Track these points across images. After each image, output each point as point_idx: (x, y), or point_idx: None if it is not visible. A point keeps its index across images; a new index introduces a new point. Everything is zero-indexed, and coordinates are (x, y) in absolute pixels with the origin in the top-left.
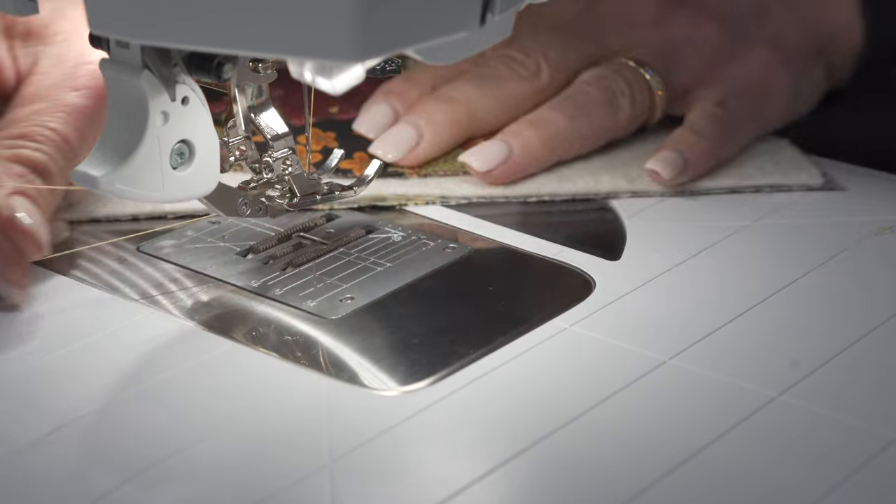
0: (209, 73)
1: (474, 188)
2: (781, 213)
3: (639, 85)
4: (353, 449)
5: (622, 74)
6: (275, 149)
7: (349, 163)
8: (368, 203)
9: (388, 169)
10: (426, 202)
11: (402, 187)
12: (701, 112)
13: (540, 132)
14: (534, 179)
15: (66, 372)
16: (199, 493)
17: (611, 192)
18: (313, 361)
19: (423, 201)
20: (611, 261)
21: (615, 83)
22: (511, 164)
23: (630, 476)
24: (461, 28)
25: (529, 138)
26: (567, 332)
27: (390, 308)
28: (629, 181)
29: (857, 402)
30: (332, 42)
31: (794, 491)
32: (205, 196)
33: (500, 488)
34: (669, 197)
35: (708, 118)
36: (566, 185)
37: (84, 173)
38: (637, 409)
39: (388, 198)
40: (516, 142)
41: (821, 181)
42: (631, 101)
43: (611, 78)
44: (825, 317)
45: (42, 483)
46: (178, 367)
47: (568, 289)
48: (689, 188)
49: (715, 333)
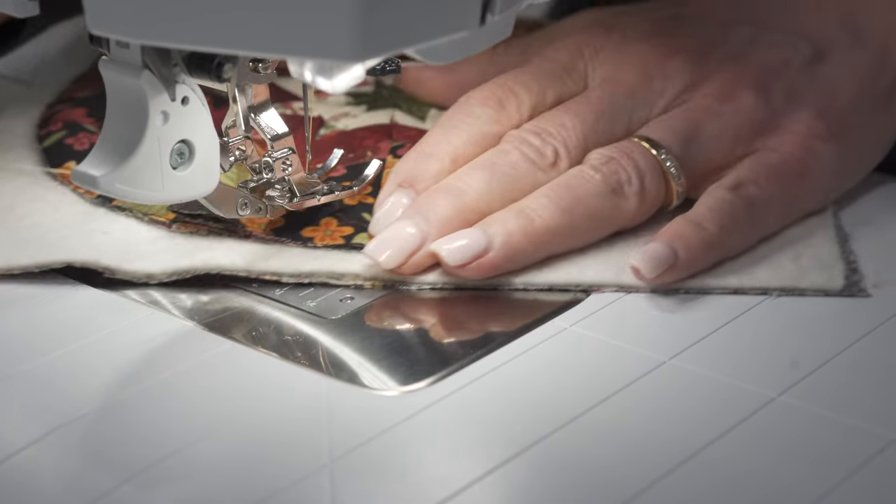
0: (209, 73)
1: (439, 272)
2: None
3: (653, 173)
4: (353, 449)
5: (633, 158)
6: (275, 149)
7: (312, 230)
8: (321, 280)
9: (352, 241)
10: (383, 285)
11: (357, 263)
12: (708, 197)
13: (527, 225)
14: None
15: (66, 372)
16: (199, 493)
17: (594, 284)
18: (313, 361)
19: (380, 284)
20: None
21: (624, 169)
22: (488, 261)
23: (630, 476)
24: (461, 28)
25: (514, 232)
26: (567, 332)
27: (390, 308)
28: (616, 272)
29: (857, 403)
30: (333, 42)
31: (794, 491)
32: (205, 196)
33: (500, 488)
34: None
35: (714, 205)
36: (546, 274)
37: (84, 173)
38: (637, 409)
39: (345, 276)
40: (498, 233)
41: (840, 284)
42: (639, 193)
43: (620, 162)
44: (825, 317)
45: (42, 483)
46: (177, 367)
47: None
48: (684, 286)
49: (715, 333)
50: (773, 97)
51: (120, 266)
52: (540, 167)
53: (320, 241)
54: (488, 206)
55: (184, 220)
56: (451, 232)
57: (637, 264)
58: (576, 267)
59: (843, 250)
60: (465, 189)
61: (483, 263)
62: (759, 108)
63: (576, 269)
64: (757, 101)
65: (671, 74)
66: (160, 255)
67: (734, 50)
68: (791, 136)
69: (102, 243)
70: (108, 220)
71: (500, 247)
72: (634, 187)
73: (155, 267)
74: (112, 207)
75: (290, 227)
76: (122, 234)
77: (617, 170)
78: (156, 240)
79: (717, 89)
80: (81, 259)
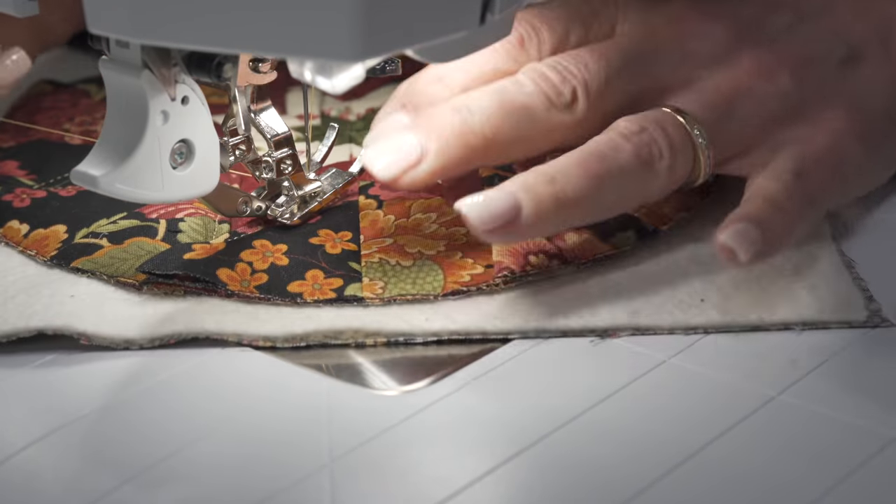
0: (209, 72)
1: (445, 321)
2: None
3: (683, 149)
4: (353, 449)
5: (666, 132)
6: (275, 149)
7: (300, 284)
8: (320, 341)
9: (344, 294)
10: (387, 341)
11: (359, 319)
12: (777, 182)
13: (557, 192)
14: (515, 309)
15: (66, 372)
16: (199, 494)
17: (610, 328)
18: (314, 361)
19: (384, 340)
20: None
21: (655, 143)
22: (517, 226)
23: (630, 475)
24: (461, 28)
25: (544, 199)
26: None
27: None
28: (630, 314)
29: (857, 402)
30: (333, 42)
31: (794, 490)
32: (204, 196)
33: (500, 488)
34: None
35: (786, 188)
36: (557, 319)
37: (84, 173)
38: (636, 408)
39: (344, 332)
40: (529, 199)
41: (864, 315)
42: (669, 168)
43: (652, 135)
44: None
45: (41, 483)
46: (177, 368)
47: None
48: (703, 324)
49: (715, 333)
50: (807, 87)
51: (97, 331)
52: (555, 105)
53: (310, 297)
54: (494, 134)
55: (156, 282)
56: (452, 153)
57: (730, 243)
58: (588, 308)
59: (854, 277)
60: (474, 110)
61: (511, 229)
62: (793, 94)
63: (588, 311)
64: (792, 86)
65: (705, 39)
66: (137, 319)
67: (772, 33)
68: (825, 131)
69: (72, 307)
70: (69, 283)
71: (529, 212)
72: (665, 162)
73: (133, 332)
74: (71, 269)
75: (275, 282)
76: (91, 297)
77: (649, 142)
78: (129, 302)
79: (753, 67)
80: (53, 325)
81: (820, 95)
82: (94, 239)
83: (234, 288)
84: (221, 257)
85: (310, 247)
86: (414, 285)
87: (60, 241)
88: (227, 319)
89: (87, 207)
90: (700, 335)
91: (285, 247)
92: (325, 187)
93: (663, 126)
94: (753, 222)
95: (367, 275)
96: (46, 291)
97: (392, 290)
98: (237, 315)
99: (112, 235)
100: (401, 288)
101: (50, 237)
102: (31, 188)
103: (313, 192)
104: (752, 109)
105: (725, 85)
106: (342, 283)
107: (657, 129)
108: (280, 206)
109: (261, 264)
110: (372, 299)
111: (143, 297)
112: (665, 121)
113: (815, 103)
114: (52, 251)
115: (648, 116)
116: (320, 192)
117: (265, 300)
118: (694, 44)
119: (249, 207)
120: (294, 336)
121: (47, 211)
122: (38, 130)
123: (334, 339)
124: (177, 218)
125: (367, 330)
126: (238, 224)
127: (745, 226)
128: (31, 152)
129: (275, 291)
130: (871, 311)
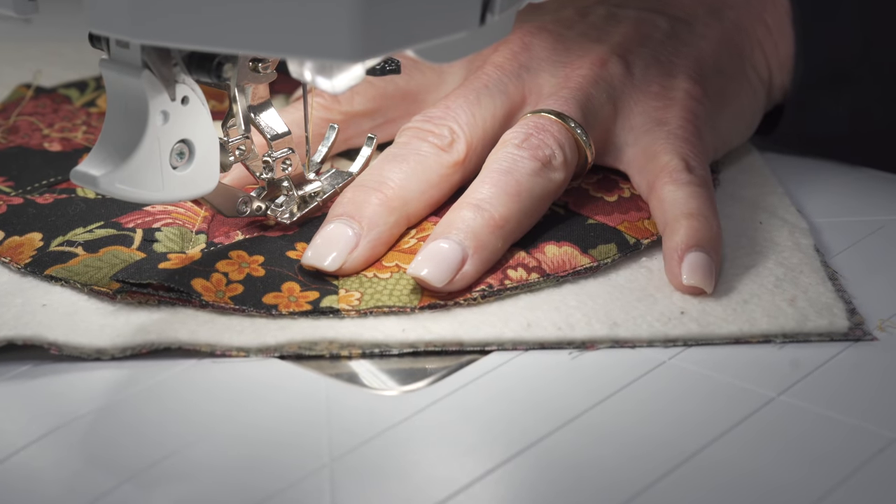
0: (209, 72)
1: (421, 332)
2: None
3: (569, 143)
4: (353, 449)
5: (550, 133)
6: (274, 149)
7: (275, 296)
8: (294, 352)
9: (320, 306)
10: (362, 352)
11: (334, 330)
12: (679, 187)
13: (487, 217)
14: (492, 320)
15: (66, 372)
16: (199, 494)
17: (587, 341)
18: (313, 361)
19: (359, 351)
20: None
21: (545, 143)
22: (470, 270)
23: (630, 476)
24: (461, 28)
25: (479, 230)
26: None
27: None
28: (609, 327)
29: (857, 402)
30: (333, 42)
31: (794, 491)
32: (204, 196)
33: (500, 488)
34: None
35: (693, 192)
36: (534, 330)
37: (84, 173)
38: (637, 409)
39: (318, 343)
40: (466, 237)
41: (845, 327)
42: (564, 164)
43: (539, 137)
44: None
45: (41, 483)
46: (176, 368)
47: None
48: (682, 337)
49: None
50: (638, 64)
51: (68, 341)
52: (441, 147)
53: (285, 309)
54: (407, 193)
55: (130, 290)
56: (381, 225)
57: (695, 283)
58: (563, 319)
59: (837, 289)
60: (384, 181)
61: (466, 273)
62: (629, 74)
63: (565, 324)
64: (626, 67)
65: (532, 49)
66: (109, 329)
67: (595, 26)
68: (675, 105)
69: (43, 317)
70: (42, 291)
71: (474, 250)
72: (559, 159)
73: (105, 341)
74: (45, 277)
75: (250, 293)
76: (63, 306)
77: (540, 145)
78: (102, 311)
79: (588, 60)
80: (23, 335)
81: (658, 71)
82: (69, 247)
83: (208, 298)
84: (197, 267)
85: (287, 260)
86: (391, 297)
87: (35, 249)
88: (201, 330)
89: (64, 216)
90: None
91: (262, 258)
92: (324, 187)
93: (544, 128)
94: (700, 248)
95: (344, 286)
96: (18, 300)
97: (368, 302)
98: (211, 325)
99: (87, 244)
100: (377, 300)
101: (25, 245)
102: (8, 195)
103: (313, 192)
104: (602, 94)
105: (573, 82)
106: (318, 295)
107: (540, 131)
108: (280, 206)
109: (236, 275)
110: (348, 311)
111: (117, 307)
112: (543, 123)
113: (657, 80)
114: (26, 259)
115: (528, 123)
116: (320, 192)
117: (240, 311)
118: (523, 57)
119: (249, 207)
120: (268, 347)
121: (24, 218)
122: (17, 137)
123: (309, 350)
124: (153, 228)
125: (341, 341)
126: (215, 234)
127: (695, 255)
128: (9, 159)
129: (250, 303)
130: (853, 323)
